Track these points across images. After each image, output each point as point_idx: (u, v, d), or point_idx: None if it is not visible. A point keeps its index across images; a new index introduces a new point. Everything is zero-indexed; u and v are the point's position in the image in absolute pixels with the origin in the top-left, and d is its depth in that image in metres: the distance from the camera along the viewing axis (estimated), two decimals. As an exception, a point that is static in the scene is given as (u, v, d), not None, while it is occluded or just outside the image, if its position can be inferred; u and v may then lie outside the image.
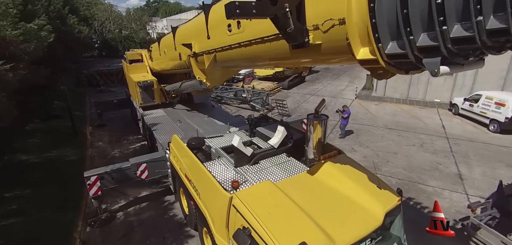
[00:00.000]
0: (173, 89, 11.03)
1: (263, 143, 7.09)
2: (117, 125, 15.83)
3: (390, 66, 2.83)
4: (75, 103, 18.58)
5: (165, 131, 9.48)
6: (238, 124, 9.60)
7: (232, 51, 5.30)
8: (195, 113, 11.24)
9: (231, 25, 5.07)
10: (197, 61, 7.16)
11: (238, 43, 4.95)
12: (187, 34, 7.48)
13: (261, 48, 4.48)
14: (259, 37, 4.37)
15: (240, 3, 2.90)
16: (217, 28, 5.66)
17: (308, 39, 3.41)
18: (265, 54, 4.60)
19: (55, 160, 10.76)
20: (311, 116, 5.93)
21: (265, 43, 4.32)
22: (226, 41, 5.35)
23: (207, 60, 6.45)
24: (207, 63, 6.46)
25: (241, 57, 5.29)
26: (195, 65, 7.33)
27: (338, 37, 3.11)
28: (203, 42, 6.42)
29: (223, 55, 5.77)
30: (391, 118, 16.31)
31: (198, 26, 6.65)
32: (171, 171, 7.86)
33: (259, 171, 5.68)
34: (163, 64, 10.72)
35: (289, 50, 3.84)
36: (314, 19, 3.32)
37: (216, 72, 6.82)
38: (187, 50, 7.22)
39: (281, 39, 3.84)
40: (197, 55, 6.93)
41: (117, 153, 12.23)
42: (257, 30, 4.35)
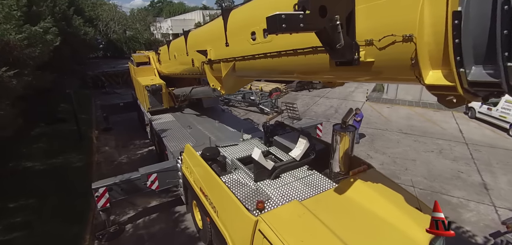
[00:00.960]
0: (183, 94, 10.62)
1: (281, 153, 6.65)
2: (124, 128, 15.47)
3: (469, 94, 2.36)
4: (80, 105, 18.27)
5: (175, 137, 9.07)
6: (250, 131, 9.16)
7: (255, 62, 4.85)
8: (205, 119, 10.82)
9: (255, 33, 4.61)
10: (212, 68, 6.73)
11: (264, 54, 4.50)
12: (201, 39, 7.06)
13: (292, 61, 4.03)
14: (291, 48, 3.91)
15: (287, 16, 2.45)
16: (238, 36, 5.21)
17: (358, 56, 2.94)
18: (297, 67, 4.16)
19: (61, 167, 10.39)
20: (337, 127, 5.46)
21: (299, 56, 3.86)
22: (248, 50, 4.89)
23: (224, 68, 6.02)
24: (224, 71, 6.03)
25: (267, 68, 4.84)
26: (209, 72, 6.92)
27: (399, 55, 2.65)
28: (220, 49, 5.99)
29: (244, 64, 5.31)
30: (405, 122, 15.77)
31: (214, 32, 6.22)
32: (183, 181, 7.44)
33: (281, 187, 5.23)
34: (172, 68, 10.31)
35: (330, 65, 3.39)
36: (367, 33, 2.85)
37: (232, 80, 6.39)
38: (201, 57, 6.79)
39: (320, 53, 3.41)
40: (212, 62, 6.50)
41: (124, 159, 11.85)
42: (289, 41, 3.87)
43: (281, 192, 5.05)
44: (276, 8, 4.39)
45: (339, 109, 18.39)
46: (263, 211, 4.31)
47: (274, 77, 6.44)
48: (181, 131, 9.62)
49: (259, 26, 4.45)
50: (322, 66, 3.59)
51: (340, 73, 3.67)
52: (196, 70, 7.88)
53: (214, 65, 6.52)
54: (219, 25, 5.75)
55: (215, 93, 8.13)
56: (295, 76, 4.87)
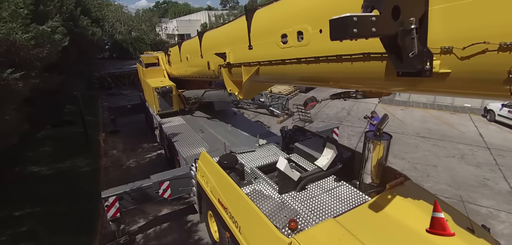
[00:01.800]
0: (194, 97, 10.20)
1: (304, 162, 6.19)
2: (131, 131, 15.12)
3: None
4: (87, 107, 17.97)
5: (187, 142, 8.64)
6: (265, 135, 8.72)
7: (285, 67, 4.38)
8: (217, 122, 10.39)
9: (287, 35, 4.14)
10: (231, 72, 6.29)
11: (297, 59, 4.04)
12: (219, 41, 6.59)
13: (334, 68, 3.55)
14: (334, 54, 3.42)
15: (359, 18, 2.00)
16: (264, 38, 4.74)
17: (431, 66, 2.43)
18: (339, 75, 3.66)
19: (68, 172, 10.03)
20: (370, 134, 5.00)
21: (343, 63, 3.38)
22: (277, 54, 4.42)
23: (246, 73, 5.57)
24: (245, 76, 5.59)
25: (299, 75, 4.37)
26: (227, 77, 6.49)
27: (490, 67, 2.18)
28: (241, 52, 5.54)
29: (271, 70, 4.83)
30: (421, 125, 15.19)
31: (235, 34, 5.77)
32: (197, 190, 7.01)
33: (309, 200, 4.78)
34: (184, 70, 9.90)
35: (386, 75, 2.91)
36: (444, 39, 2.36)
37: (253, 85, 5.95)
38: (218, 60, 6.35)
39: (374, 60, 2.94)
40: (231, 66, 6.06)
41: (132, 163, 11.47)
42: (332, 46, 3.38)
43: (310, 206, 4.60)
44: (310, 8, 4.00)
45: (351, 111, 17.87)
46: (296, 231, 3.86)
47: (307, 84, 5.92)
48: (192, 135, 9.19)
49: (292, 28, 3.99)
50: (374, 76, 3.11)
51: (400, 84, 3.16)
52: (211, 74, 7.46)
53: (233, 69, 6.08)
54: (241, 27, 5.30)
55: (231, 98, 7.71)
56: (333, 84, 4.34)
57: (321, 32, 3.55)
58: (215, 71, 7.05)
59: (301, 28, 3.85)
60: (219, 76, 7.00)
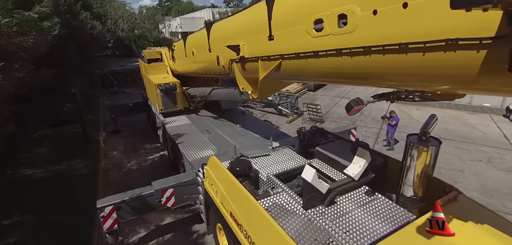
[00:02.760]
0: (200, 95, 9.41)
1: (327, 168, 5.38)
2: (133, 131, 14.40)
3: None
4: (87, 106, 17.31)
5: (193, 144, 7.87)
6: (278, 137, 7.94)
7: (318, 61, 3.57)
8: (224, 122, 9.60)
9: (323, 21, 3.32)
10: (244, 68, 5.50)
11: (337, 50, 3.22)
12: (230, 32, 5.79)
13: (394, 61, 2.72)
14: (396, 42, 2.60)
15: None
16: (290, 26, 3.94)
17: None
18: (402, 70, 2.78)
19: (64, 175, 9.32)
20: (414, 138, 4.20)
21: (409, 54, 2.55)
22: (308, 45, 3.61)
23: (263, 68, 4.79)
24: (263, 72, 4.80)
25: (335, 71, 3.53)
26: (239, 73, 5.71)
27: None
28: (259, 44, 4.74)
29: (298, 65, 4.00)
30: (439, 126, 14.17)
31: (251, 23, 4.98)
32: (204, 198, 6.23)
33: (341, 217, 3.97)
34: (189, 66, 9.13)
35: (486, 72, 2.12)
36: None
37: (270, 83, 5.16)
38: (230, 53, 5.57)
39: (463, 50, 2.14)
40: (245, 61, 5.27)
41: (134, 165, 10.73)
42: (394, 32, 2.60)
43: (343, 226, 3.79)
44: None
45: (363, 110, 16.95)
46: (336, 264, 3.06)
47: (343, 82, 4.80)
48: (198, 136, 8.41)
49: (331, 10, 3.18)
50: (460, 71, 2.30)
51: (507, 84, 2.20)
52: (220, 70, 6.66)
53: (248, 64, 5.29)
54: (259, 14, 4.50)
55: (242, 97, 6.92)
56: (387, 83, 3.42)
57: (376, 13, 2.73)
58: (226, 67, 6.27)
59: (345, 11, 3.04)
60: (229, 73, 6.21)
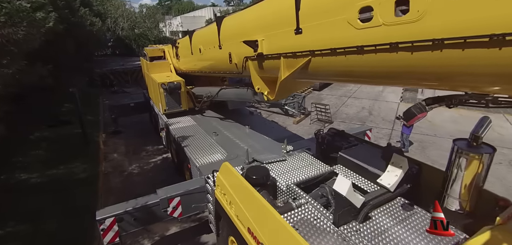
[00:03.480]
0: (207, 95, 8.84)
1: (353, 176, 4.83)
2: (134, 132, 13.85)
3: None
4: (87, 105, 16.76)
5: (200, 147, 7.31)
6: (291, 139, 7.41)
7: (363, 58, 2.98)
8: (232, 123, 9.04)
9: (372, 8, 2.73)
10: (262, 66, 4.94)
11: (392, 44, 2.63)
12: (246, 26, 5.21)
13: (480, 58, 2.14)
14: (487, 33, 2.00)
15: None
16: (325, 16, 3.35)
17: None
18: (491, 71, 2.20)
19: (62, 180, 8.77)
20: (462, 144, 3.65)
21: (504, 49, 1.97)
22: (350, 38, 3.03)
23: (287, 67, 4.23)
24: (286, 71, 4.26)
25: (388, 69, 2.92)
26: (255, 72, 5.17)
27: None
28: (281, 39, 4.19)
29: (334, 62, 3.42)
30: (453, 127, 13.73)
31: (272, 15, 4.42)
32: (215, 208, 5.67)
33: (381, 236, 3.42)
34: (194, 64, 8.59)
35: None
36: None
37: (292, 83, 4.62)
38: (243, 50, 5.02)
39: None
40: (264, 58, 4.71)
41: (135, 168, 10.18)
42: (480, 17, 2.03)
43: (385, 246, 3.24)
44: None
45: (372, 110, 16.45)
46: None
47: (396, 82, 4.08)
48: (205, 139, 7.86)
49: None
50: None
51: None
52: (232, 68, 6.10)
53: (267, 62, 4.73)
54: (283, 4, 3.96)
55: (256, 98, 6.35)
56: (459, 86, 2.84)
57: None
58: (239, 65, 5.71)
59: None
60: (243, 72, 5.66)
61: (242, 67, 5.50)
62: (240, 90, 7.13)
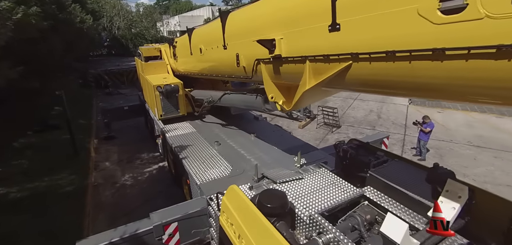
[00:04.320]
0: (208, 100, 7.93)
1: (391, 203, 3.96)
2: (128, 137, 12.93)
3: None
4: (79, 108, 15.84)
5: (200, 159, 6.41)
6: (304, 150, 6.56)
7: (443, 65, 2.08)
8: (236, 131, 8.15)
9: None
10: (278, 71, 4.07)
11: (505, 47, 1.73)
12: (259, 23, 4.28)
13: None
14: None
15: None
16: (381, 6, 2.40)
17: None
18: None
19: (46, 194, 7.85)
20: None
21: None
22: (424, 37, 2.12)
23: (314, 73, 3.40)
24: (312, 79, 3.44)
25: (488, 84, 1.99)
26: (268, 77, 4.31)
27: None
28: (309, 37, 3.29)
29: (389, 70, 2.48)
30: (469, 131, 12.93)
31: (295, 8, 3.51)
32: (219, 236, 4.79)
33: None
34: (193, 65, 7.72)
35: None
36: None
37: (317, 92, 3.75)
38: (256, 51, 4.15)
39: None
40: (282, 61, 3.85)
41: (128, 179, 9.27)
42: None
43: None
44: None
45: (381, 114, 15.61)
46: None
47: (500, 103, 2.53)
48: (206, 149, 6.96)
49: None
50: None
51: None
52: (238, 72, 5.24)
53: (286, 66, 3.86)
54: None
55: (266, 107, 5.46)
56: None
57: None
58: (247, 69, 4.84)
59: None
60: (252, 76, 4.79)
61: (252, 71, 4.63)
62: (247, 97, 6.21)
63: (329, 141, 11.93)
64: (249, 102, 6.19)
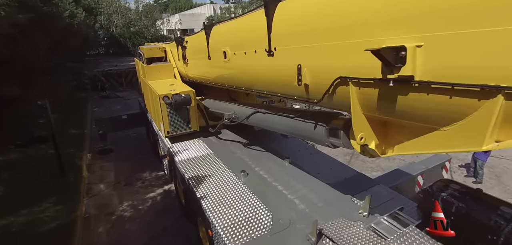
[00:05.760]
0: (229, 117, 6.15)
1: None
2: (127, 150, 11.25)
3: None
4: (72, 114, 14.12)
5: (225, 199, 4.72)
6: (357, 184, 4.97)
7: None
8: (263, 153, 6.45)
9: None
10: (392, 101, 2.36)
11: None
12: (361, 17, 2.40)
13: None
14: None
15: None
16: None
17: None
18: None
19: (21, 234, 6.15)
20: None
21: None
22: None
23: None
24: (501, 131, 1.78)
25: None
26: (359, 107, 2.72)
27: None
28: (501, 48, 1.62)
29: None
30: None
31: None
32: None
33: None
34: (210, 72, 6.06)
35: None
36: None
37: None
38: (339, 63, 2.65)
39: None
40: (412, 88, 2.15)
41: (127, 209, 7.58)
42: None
43: None
44: None
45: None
46: None
47: None
48: (230, 182, 5.26)
49: None
50: None
51: None
52: (295, 91, 3.53)
53: (419, 97, 2.13)
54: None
55: (330, 141, 3.75)
56: None
57: None
58: (315, 89, 3.18)
59: None
60: (322, 100, 3.10)
61: (325, 94, 2.95)
62: (297, 123, 4.44)
63: (362, 157, 10.27)
64: (300, 130, 4.45)
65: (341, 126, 3.53)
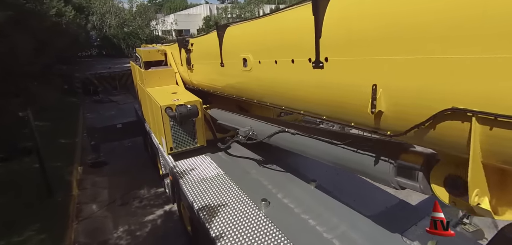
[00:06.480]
0: (245, 134, 5.24)
1: None
2: (122, 160, 10.30)
3: None
4: (62, 122, 13.05)
5: (244, 239, 3.82)
6: (404, 214, 4.14)
7: None
8: (284, 174, 5.56)
9: None
10: None
11: None
12: None
13: None
14: None
15: None
16: None
17: None
18: None
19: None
20: None
21: None
22: None
23: None
24: None
25: None
26: (479, 154, 1.79)
27: None
28: None
29: None
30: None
31: None
32: None
33: None
34: (224, 83, 5.15)
35: None
36: None
37: None
38: (445, 83, 1.77)
39: None
40: None
41: (123, 235, 6.62)
42: None
43: None
44: None
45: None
46: None
47: None
48: (250, 214, 4.35)
49: None
50: None
51: None
52: (363, 120, 2.56)
53: None
54: None
55: (398, 181, 2.85)
56: None
57: None
58: (396, 121, 2.28)
59: None
60: (406, 134, 2.21)
61: (414, 128, 2.06)
62: (349, 153, 3.38)
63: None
64: (350, 162, 3.45)
65: (419, 165, 2.65)
